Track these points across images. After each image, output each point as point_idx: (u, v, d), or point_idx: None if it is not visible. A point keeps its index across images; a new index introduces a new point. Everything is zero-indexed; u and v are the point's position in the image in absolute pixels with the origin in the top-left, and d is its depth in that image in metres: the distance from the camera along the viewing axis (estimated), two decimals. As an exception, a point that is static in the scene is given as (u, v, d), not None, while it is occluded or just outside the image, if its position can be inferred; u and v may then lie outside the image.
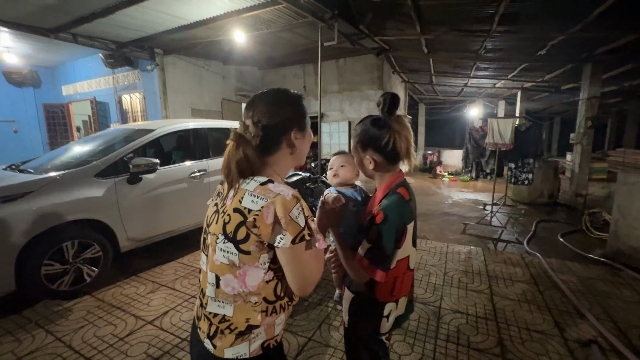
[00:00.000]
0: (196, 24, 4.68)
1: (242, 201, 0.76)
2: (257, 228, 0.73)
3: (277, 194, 0.74)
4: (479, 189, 8.28)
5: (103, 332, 2.18)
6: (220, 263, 0.77)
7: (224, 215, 0.78)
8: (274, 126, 0.82)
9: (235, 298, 0.77)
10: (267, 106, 0.83)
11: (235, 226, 0.74)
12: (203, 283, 0.86)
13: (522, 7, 4.11)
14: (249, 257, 0.75)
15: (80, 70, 7.57)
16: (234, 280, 0.76)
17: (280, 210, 0.72)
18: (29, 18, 4.41)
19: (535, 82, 8.74)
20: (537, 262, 3.35)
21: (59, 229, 2.51)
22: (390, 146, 0.99)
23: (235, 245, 0.74)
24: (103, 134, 3.76)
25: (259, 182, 0.78)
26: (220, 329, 0.78)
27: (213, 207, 0.87)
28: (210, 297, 0.80)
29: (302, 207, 0.75)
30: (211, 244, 0.79)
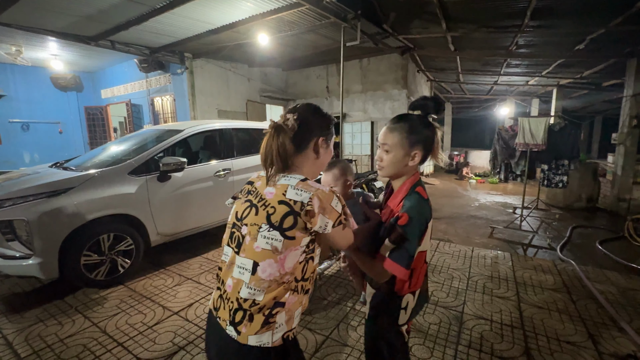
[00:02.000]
0: (222, 28, 4.85)
1: (286, 194, 0.86)
2: (306, 216, 0.84)
3: (317, 189, 0.87)
4: (509, 191, 7.90)
5: (134, 320, 2.32)
6: (262, 249, 0.84)
7: (266, 207, 0.87)
8: (308, 126, 0.95)
9: (270, 283, 0.84)
10: (306, 112, 0.97)
11: (281, 216, 0.84)
12: (224, 274, 0.91)
13: (556, 0, 3.89)
14: (292, 241, 0.84)
15: (117, 74, 8.07)
16: (273, 264, 0.84)
17: (324, 201, 0.85)
18: (73, 28, 4.77)
19: (573, 79, 8.22)
20: (571, 269, 3.15)
21: (97, 222, 2.71)
22: (432, 143, 1.07)
23: (281, 232, 0.83)
24: (137, 135, 3.99)
25: (299, 178, 0.90)
26: (249, 313, 0.83)
27: (245, 203, 0.95)
28: (244, 282, 0.85)
29: (338, 198, 0.90)
30: (249, 233, 0.87)
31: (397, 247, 0.97)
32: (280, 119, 0.93)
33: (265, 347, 0.82)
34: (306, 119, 0.95)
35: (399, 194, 1.08)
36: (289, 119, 0.92)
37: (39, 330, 2.20)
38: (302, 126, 0.93)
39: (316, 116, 0.99)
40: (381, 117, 8.03)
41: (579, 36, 5.05)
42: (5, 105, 7.56)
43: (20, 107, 7.77)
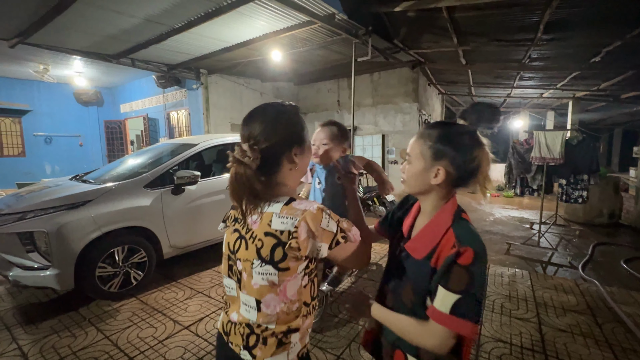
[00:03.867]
0: (237, 46, 5.00)
1: (271, 224, 0.78)
2: (295, 247, 0.76)
3: (303, 211, 0.77)
4: (525, 206, 7.68)
5: (145, 333, 2.32)
6: (259, 286, 0.79)
7: (254, 240, 0.80)
8: (273, 147, 0.81)
9: (278, 316, 0.80)
10: (263, 126, 0.82)
11: (270, 249, 0.77)
12: (232, 307, 0.88)
13: (570, 13, 3.87)
14: (287, 272, 0.78)
15: (136, 90, 8.39)
16: (275, 298, 0.79)
17: (312, 225, 0.76)
18: (97, 47, 5.02)
19: (590, 91, 8.04)
20: (595, 290, 3.00)
21: (112, 235, 2.76)
22: (474, 165, 0.81)
23: (273, 266, 0.77)
24: (152, 148, 4.10)
25: (282, 202, 0.80)
26: (262, 337, 0.80)
27: (234, 234, 0.87)
28: (251, 320, 0.81)
29: (329, 215, 0.79)
30: (245, 270, 0.81)
31: (464, 297, 0.71)
32: (237, 150, 0.79)
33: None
34: (267, 139, 0.80)
35: (439, 220, 0.83)
36: (245, 152, 0.78)
37: (53, 342, 2.22)
38: (266, 151, 0.80)
39: (278, 125, 0.83)
40: (392, 130, 8.03)
41: (594, 48, 4.98)
42: (31, 120, 7.94)
43: (44, 121, 8.14)
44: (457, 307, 0.71)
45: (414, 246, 0.86)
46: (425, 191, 0.86)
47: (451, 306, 0.72)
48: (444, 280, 0.74)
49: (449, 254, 0.75)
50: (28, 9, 3.71)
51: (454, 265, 0.73)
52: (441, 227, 0.81)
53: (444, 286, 0.73)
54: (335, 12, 4.01)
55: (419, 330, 0.77)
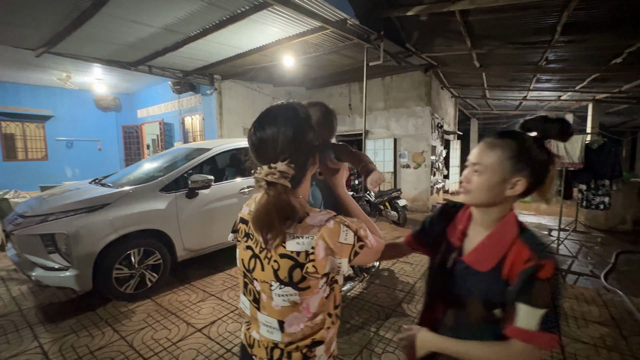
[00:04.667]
0: (250, 52, 5.09)
1: (286, 246, 0.74)
2: (312, 271, 0.72)
3: (320, 227, 0.73)
4: (542, 211, 7.45)
5: (159, 335, 2.36)
6: (281, 307, 0.77)
7: (269, 261, 0.77)
8: (303, 158, 0.77)
9: (303, 331, 0.78)
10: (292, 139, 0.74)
11: (287, 271, 0.74)
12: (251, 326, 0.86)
13: (589, 14, 3.77)
14: (308, 290, 0.75)
15: (152, 95, 8.64)
16: (298, 316, 0.77)
17: (330, 242, 0.72)
18: (116, 54, 5.20)
19: (611, 94, 7.78)
20: (619, 300, 2.87)
21: (129, 237, 2.83)
22: (546, 175, 0.80)
23: (293, 287, 0.74)
24: (167, 153, 4.20)
25: (295, 220, 0.75)
26: (287, 351, 0.79)
27: (247, 251, 0.83)
28: (275, 340, 0.79)
29: (347, 226, 0.74)
30: (263, 291, 0.79)
31: (550, 311, 0.70)
32: (265, 172, 0.72)
33: None
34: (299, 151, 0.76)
35: (501, 231, 0.80)
36: (283, 171, 0.72)
37: (72, 341, 2.29)
38: (299, 165, 0.76)
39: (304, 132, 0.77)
40: (404, 134, 7.96)
41: (615, 49, 4.82)
42: (53, 125, 8.28)
43: (66, 127, 8.48)
44: (545, 322, 0.69)
45: (476, 258, 0.81)
46: (496, 202, 0.82)
47: (538, 322, 0.69)
48: (526, 297, 0.70)
49: (524, 268, 0.72)
50: (53, 21, 3.89)
51: (535, 280, 0.70)
52: (507, 237, 0.78)
53: (527, 303, 0.70)
54: (347, 18, 4.03)
55: (504, 354, 0.72)
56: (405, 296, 2.96)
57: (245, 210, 0.91)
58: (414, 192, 7.69)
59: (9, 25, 3.94)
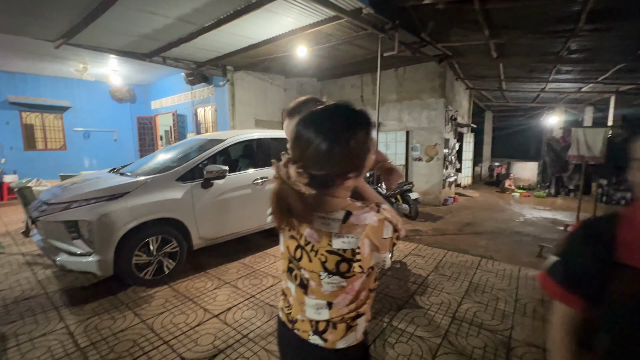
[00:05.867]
0: (263, 43, 5.07)
1: (331, 244, 0.76)
2: (359, 268, 0.76)
3: (364, 226, 0.75)
4: (558, 207, 7.27)
5: (178, 320, 2.45)
6: (330, 292, 0.80)
7: (316, 254, 0.79)
8: (325, 175, 0.75)
9: (349, 307, 0.82)
10: (321, 152, 0.72)
11: (335, 263, 0.77)
12: (294, 309, 0.89)
13: (616, 2, 3.59)
14: (355, 277, 0.79)
15: (166, 87, 8.73)
16: (346, 296, 0.81)
17: (375, 239, 0.74)
18: (131, 46, 5.26)
19: (636, 84, 7.47)
20: None
21: (147, 225, 2.91)
22: None
23: (341, 276, 0.78)
24: (182, 143, 4.27)
25: (339, 220, 0.76)
26: (332, 322, 0.83)
27: (292, 240, 0.86)
28: (325, 319, 0.83)
29: (389, 222, 0.76)
30: (312, 279, 0.82)
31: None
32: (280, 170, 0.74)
33: (352, 346, 0.84)
34: (322, 168, 0.73)
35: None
36: (291, 175, 0.72)
37: (95, 323, 2.39)
38: (316, 178, 0.73)
39: (338, 160, 0.73)
40: (417, 127, 7.85)
41: (643, 39, 4.61)
42: (71, 116, 8.48)
43: (83, 117, 8.67)
44: None
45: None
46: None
47: None
48: None
49: None
50: (72, 13, 3.95)
51: None
52: None
53: None
54: (362, 7, 3.95)
55: None
56: (417, 288, 2.97)
57: None
58: (426, 185, 7.61)
59: (30, 17, 4.02)
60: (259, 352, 2.07)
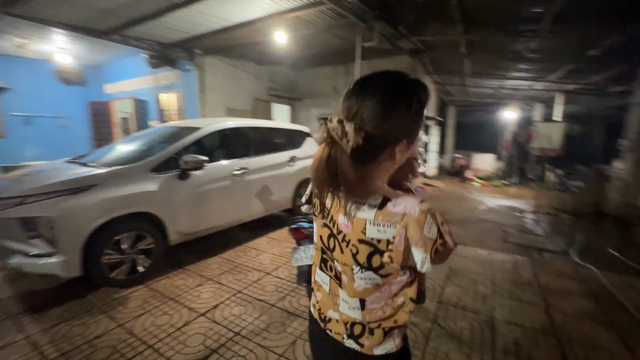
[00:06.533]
0: (238, 26, 4.79)
1: (365, 232, 0.70)
2: (389, 259, 0.68)
3: (403, 215, 0.66)
4: (512, 195, 7.91)
5: (160, 321, 2.27)
6: (363, 289, 0.75)
7: (348, 244, 0.73)
8: (379, 137, 0.68)
9: (384, 311, 0.76)
10: (379, 106, 0.67)
11: (366, 256, 0.71)
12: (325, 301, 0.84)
13: (577, 5, 3.90)
14: (390, 277, 0.73)
15: (124, 69, 7.96)
16: (381, 296, 0.75)
17: (413, 233, 0.65)
18: (86, 21, 4.68)
19: (579, 84, 8.26)
20: (593, 275, 3.16)
21: (119, 220, 2.65)
22: None
23: (374, 272, 0.72)
24: (152, 132, 3.93)
25: (375, 206, 0.69)
26: (369, 328, 0.78)
27: (324, 229, 0.80)
28: (357, 318, 0.78)
29: (433, 217, 0.66)
30: (344, 273, 0.77)
31: None
32: (335, 126, 0.66)
33: (391, 353, 0.79)
34: (379, 126, 0.66)
35: None
36: (347, 132, 0.65)
37: (63, 331, 2.14)
38: (370, 140, 0.66)
39: (398, 111, 0.67)
40: (389, 119, 8.02)
41: (593, 42, 5.08)
42: (9, 99, 7.41)
43: (24, 101, 7.61)
44: None
45: None
46: None
47: None
48: None
49: None
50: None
51: None
52: None
53: None
54: (345, -7, 3.89)
55: None
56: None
57: None
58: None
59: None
60: (255, 349, 2.00)
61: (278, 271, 3.10)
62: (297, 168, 4.61)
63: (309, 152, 4.95)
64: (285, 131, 4.72)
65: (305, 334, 2.13)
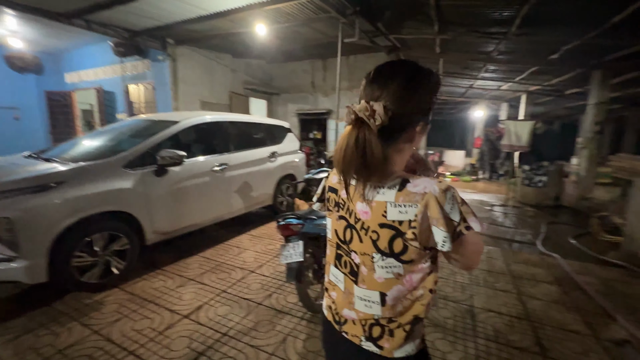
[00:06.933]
0: (215, 15, 4.60)
1: (386, 215, 0.70)
2: (412, 235, 0.68)
3: (423, 194, 0.67)
4: (481, 189, 8.36)
5: (140, 325, 2.15)
6: (384, 279, 0.74)
7: (367, 232, 0.73)
8: (403, 116, 0.70)
9: (404, 306, 0.75)
10: (402, 88, 0.70)
11: (388, 241, 0.71)
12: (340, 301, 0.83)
13: (544, 11, 4.15)
14: (412, 265, 0.72)
15: (86, 57, 7.38)
16: (401, 289, 0.74)
17: (434, 211, 0.66)
18: (42, 1, 4.27)
19: (541, 86, 8.84)
20: (557, 263, 3.42)
21: (90, 220, 2.46)
22: None
23: (396, 258, 0.71)
24: (123, 125, 3.69)
25: (395, 186, 0.70)
26: (388, 329, 0.76)
27: (340, 221, 0.80)
28: (375, 314, 0.76)
29: (453, 197, 0.67)
30: (364, 264, 0.76)
31: None
32: (362, 107, 0.68)
33: (411, 355, 0.78)
34: (402, 105, 0.69)
35: None
36: (375, 111, 0.67)
37: (30, 342, 1.96)
38: (395, 119, 0.69)
39: (418, 91, 0.71)
40: (367, 115, 8.12)
41: (555, 46, 5.44)
42: (-51, 86, 6.63)
43: (-32, 89, 6.85)
44: None
45: None
46: None
47: None
48: None
49: None
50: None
51: None
52: None
53: None
54: (327, -12, 3.85)
55: None
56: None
57: (334, 179, 0.85)
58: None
59: None
60: (245, 349, 1.95)
61: (262, 269, 3.05)
62: (278, 164, 4.55)
63: (290, 148, 4.90)
64: (266, 126, 4.62)
65: (296, 331, 2.12)
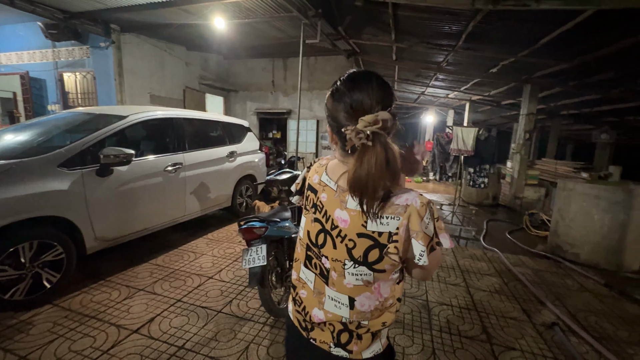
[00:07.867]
0: (169, 4, 4.28)
1: (366, 225, 0.69)
2: (393, 252, 0.68)
3: (406, 207, 0.67)
4: (430, 190, 8.99)
5: (80, 345, 1.91)
6: (353, 286, 0.74)
7: (343, 240, 0.73)
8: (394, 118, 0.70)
9: (372, 313, 0.76)
10: (384, 94, 0.70)
11: (364, 250, 0.71)
12: (310, 300, 0.81)
13: (486, 29, 4.59)
14: (383, 274, 0.73)
15: (8, 38, 6.38)
16: (370, 296, 0.75)
17: (415, 224, 0.67)
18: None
19: (482, 96, 9.78)
20: (497, 257, 3.79)
21: (15, 228, 2.13)
22: None
23: (368, 267, 0.71)
24: (55, 118, 3.26)
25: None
26: (356, 334, 0.77)
27: (315, 224, 0.79)
28: (344, 316, 0.76)
29: (431, 212, 0.68)
30: (334, 269, 0.76)
31: None
32: (368, 121, 0.64)
33: (379, 354, 0.80)
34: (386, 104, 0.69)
35: None
36: (386, 120, 0.65)
37: None
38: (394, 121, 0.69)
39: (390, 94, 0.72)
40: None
41: (494, 61, 6.04)
42: None
43: None
44: None
45: None
46: None
47: None
48: None
49: None
50: None
51: None
52: None
53: None
54: (289, -13, 3.82)
55: None
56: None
57: (315, 179, 0.83)
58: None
59: None
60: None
61: (221, 274, 2.91)
62: (237, 164, 4.39)
63: (250, 148, 4.76)
64: (224, 124, 4.43)
65: (259, 338, 2.05)
